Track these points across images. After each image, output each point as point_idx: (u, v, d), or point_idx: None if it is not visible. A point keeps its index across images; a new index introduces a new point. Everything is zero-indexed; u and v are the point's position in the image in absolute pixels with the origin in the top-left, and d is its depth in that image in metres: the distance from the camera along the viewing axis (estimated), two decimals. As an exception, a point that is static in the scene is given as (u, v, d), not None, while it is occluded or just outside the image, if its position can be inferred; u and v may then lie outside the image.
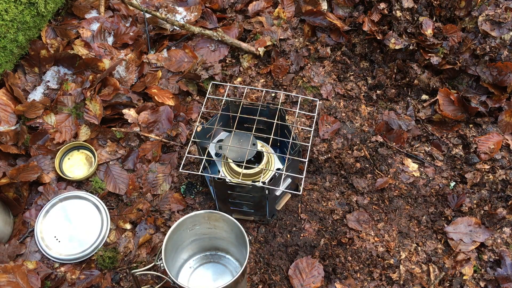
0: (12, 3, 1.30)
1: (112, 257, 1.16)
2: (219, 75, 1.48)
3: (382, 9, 1.47)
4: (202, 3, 1.65)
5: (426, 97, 1.43)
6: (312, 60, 1.55)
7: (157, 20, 1.59)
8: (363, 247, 1.18)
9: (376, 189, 1.27)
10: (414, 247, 1.18)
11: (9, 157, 1.29)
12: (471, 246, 1.16)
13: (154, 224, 1.21)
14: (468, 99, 1.37)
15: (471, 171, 1.28)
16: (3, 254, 1.14)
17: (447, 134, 1.36)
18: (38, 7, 1.39)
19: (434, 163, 1.32)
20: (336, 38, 1.56)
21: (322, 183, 1.29)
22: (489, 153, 1.29)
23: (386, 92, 1.45)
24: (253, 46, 1.52)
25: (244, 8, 1.66)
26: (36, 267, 1.14)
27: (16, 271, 1.07)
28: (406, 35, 1.44)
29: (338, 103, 1.46)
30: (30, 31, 1.40)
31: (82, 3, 1.62)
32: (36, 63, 1.44)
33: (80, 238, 1.19)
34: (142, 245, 1.19)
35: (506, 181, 1.25)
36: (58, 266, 1.17)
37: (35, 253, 1.18)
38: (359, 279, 1.14)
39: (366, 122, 1.41)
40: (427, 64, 1.42)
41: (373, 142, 1.36)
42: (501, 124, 1.35)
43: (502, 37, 1.37)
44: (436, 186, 1.27)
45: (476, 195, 1.24)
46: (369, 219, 1.22)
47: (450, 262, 1.15)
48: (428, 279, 1.13)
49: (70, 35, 1.53)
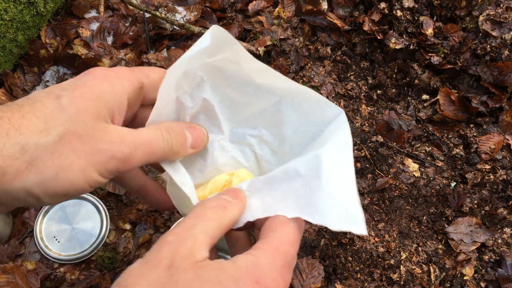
0: (11, 2, 1.30)
1: (112, 257, 1.16)
2: (219, 75, 1.48)
3: (382, 8, 1.46)
4: (202, 2, 1.64)
5: (427, 97, 1.43)
6: (312, 59, 1.54)
7: (156, 20, 1.58)
8: (363, 248, 1.18)
9: (377, 189, 1.27)
10: (415, 248, 1.18)
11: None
12: (472, 246, 1.16)
13: (154, 224, 1.21)
14: (469, 99, 1.37)
15: (471, 171, 1.27)
16: (2, 255, 1.14)
17: (448, 134, 1.36)
18: (37, 7, 1.39)
19: (435, 163, 1.32)
20: (337, 38, 1.56)
21: (322, 183, 1.29)
22: (490, 153, 1.29)
23: (387, 92, 1.45)
24: (253, 46, 1.52)
25: (244, 8, 1.66)
26: (36, 267, 1.13)
27: (15, 271, 1.07)
28: (406, 34, 1.44)
29: (339, 103, 1.46)
30: (29, 30, 1.40)
31: (82, 3, 1.62)
32: (35, 63, 1.44)
33: (80, 238, 1.19)
34: (141, 246, 1.19)
35: (507, 181, 1.25)
36: (57, 267, 1.17)
37: (35, 253, 1.18)
38: (360, 279, 1.13)
39: (367, 122, 1.41)
40: (428, 64, 1.42)
41: (374, 142, 1.36)
42: (502, 124, 1.34)
43: (503, 36, 1.36)
44: (437, 186, 1.27)
45: (476, 195, 1.24)
46: (369, 219, 1.22)
47: (450, 263, 1.15)
48: (429, 280, 1.13)
49: (70, 35, 1.52)
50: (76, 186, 0.30)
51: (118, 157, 0.31)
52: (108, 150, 0.31)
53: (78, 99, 0.31)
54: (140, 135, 0.33)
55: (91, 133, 0.31)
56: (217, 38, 0.33)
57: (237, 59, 0.35)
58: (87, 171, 0.30)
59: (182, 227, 0.31)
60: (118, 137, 0.32)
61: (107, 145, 0.31)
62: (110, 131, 0.32)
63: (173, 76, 0.34)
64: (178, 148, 0.35)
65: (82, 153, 0.30)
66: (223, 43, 0.34)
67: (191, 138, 0.36)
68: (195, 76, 0.36)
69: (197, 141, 0.37)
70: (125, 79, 0.34)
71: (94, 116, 0.31)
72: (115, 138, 0.32)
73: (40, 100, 0.31)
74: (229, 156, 0.40)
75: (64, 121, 0.30)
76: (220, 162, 0.40)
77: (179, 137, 0.35)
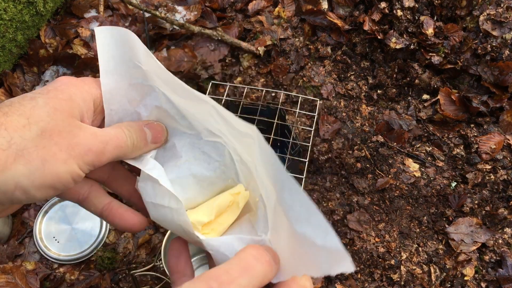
0: (11, 2, 1.29)
1: (111, 257, 1.15)
2: (219, 74, 1.48)
3: (382, 8, 1.46)
4: (202, 2, 1.64)
5: (427, 97, 1.43)
6: (312, 59, 1.54)
7: (156, 20, 1.58)
8: (363, 248, 1.17)
9: (377, 189, 1.27)
10: (415, 248, 1.18)
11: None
12: (472, 246, 1.16)
13: (154, 224, 1.21)
14: (469, 99, 1.37)
15: (472, 171, 1.27)
16: (2, 255, 1.14)
17: (448, 134, 1.36)
18: (37, 6, 1.39)
19: (435, 163, 1.31)
20: (337, 38, 1.56)
21: (323, 183, 1.29)
22: (491, 153, 1.29)
23: (387, 92, 1.45)
24: (253, 46, 1.52)
25: (244, 8, 1.65)
26: (35, 267, 1.13)
27: (15, 271, 1.07)
28: (407, 34, 1.44)
29: (339, 102, 1.45)
30: (29, 30, 1.40)
31: (81, 3, 1.62)
32: (35, 63, 1.43)
33: (79, 238, 1.19)
34: (141, 246, 1.18)
35: (507, 181, 1.24)
36: (57, 267, 1.16)
37: (34, 253, 1.18)
38: (360, 279, 1.13)
39: (367, 122, 1.41)
40: (428, 64, 1.42)
41: (374, 142, 1.35)
42: (502, 124, 1.34)
43: (503, 36, 1.36)
44: (437, 186, 1.27)
45: (477, 195, 1.24)
46: (369, 219, 1.22)
47: (451, 263, 1.15)
48: (429, 280, 1.13)
49: (69, 35, 1.52)
50: (61, 177, 0.32)
51: (94, 151, 0.34)
52: (85, 144, 0.34)
53: (53, 99, 0.34)
54: (108, 132, 0.36)
55: (68, 129, 0.33)
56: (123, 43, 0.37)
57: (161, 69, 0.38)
58: (68, 163, 0.33)
59: (227, 275, 0.30)
60: (91, 133, 0.35)
61: (83, 139, 0.34)
62: (84, 128, 0.35)
63: (108, 86, 0.37)
64: (140, 143, 0.38)
65: (63, 146, 0.32)
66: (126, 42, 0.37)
67: (151, 134, 0.39)
68: (142, 86, 0.38)
69: (157, 135, 0.39)
70: (91, 86, 0.38)
71: (69, 114, 0.34)
72: (89, 134, 0.34)
73: (18, 102, 0.33)
74: (200, 152, 0.40)
75: (43, 117, 0.33)
76: (191, 156, 0.40)
77: (139, 133, 0.38)
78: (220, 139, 0.39)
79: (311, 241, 0.30)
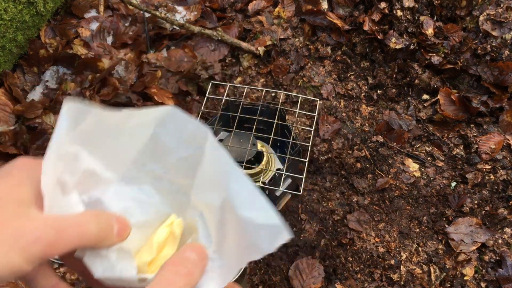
0: (11, 2, 1.30)
1: (112, 257, 1.16)
2: (219, 74, 1.48)
3: (382, 8, 1.46)
4: (202, 2, 1.64)
5: (427, 97, 1.43)
6: (312, 59, 1.54)
7: (156, 20, 1.58)
8: (363, 248, 1.17)
9: (377, 189, 1.27)
10: (415, 248, 1.18)
11: (8, 157, 1.28)
12: (472, 246, 1.16)
13: None
14: (469, 99, 1.37)
15: (472, 171, 1.27)
16: (2, 255, 1.14)
17: (448, 134, 1.36)
18: (37, 7, 1.39)
19: (435, 163, 1.32)
20: (337, 38, 1.56)
21: (323, 183, 1.29)
22: (490, 153, 1.29)
23: (387, 92, 1.45)
24: (253, 46, 1.52)
25: (244, 8, 1.65)
26: (35, 267, 1.13)
27: (15, 272, 1.07)
28: (406, 34, 1.44)
29: (339, 102, 1.45)
30: (29, 30, 1.40)
31: (81, 3, 1.62)
32: (35, 63, 1.43)
33: (79, 238, 1.19)
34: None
35: (507, 181, 1.25)
36: (57, 267, 1.16)
37: (34, 253, 1.18)
38: (360, 279, 1.13)
39: (367, 122, 1.41)
40: (428, 64, 1.42)
41: (374, 142, 1.36)
42: (502, 124, 1.34)
43: (503, 36, 1.36)
44: (437, 186, 1.27)
45: (477, 195, 1.24)
46: (369, 219, 1.22)
47: (451, 263, 1.15)
48: (429, 280, 1.13)
49: (69, 35, 1.52)
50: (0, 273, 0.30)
51: (44, 240, 0.31)
52: (32, 234, 0.31)
53: (1, 186, 0.32)
54: (68, 218, 0.33)
55: (13, 218, 0.31)
56: (74, 114, 0.35)
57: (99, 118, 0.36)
58: (9, 255, 0.30)
59: None
60: (42, 221, 0.32)
61: (30, 228, 0.31)
62: (34, 216, 0.32)
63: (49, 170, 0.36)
64: (107, 233, 0.35)
65: (5, 238, 0.30)
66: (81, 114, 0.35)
67: (117, 227, 0.37)
68: (67, 154, 0.37)
69: (123, 229, 0.37)
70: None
71: (17, 202, 0.32)
72: (38, 221, 0.32)
73: None
74: (128, 198, 0.40)
75: None
76: (122, 207, 0.40)
77: (108, 223, 0.36)
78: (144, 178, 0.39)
79: (254, 223, 0.32)
